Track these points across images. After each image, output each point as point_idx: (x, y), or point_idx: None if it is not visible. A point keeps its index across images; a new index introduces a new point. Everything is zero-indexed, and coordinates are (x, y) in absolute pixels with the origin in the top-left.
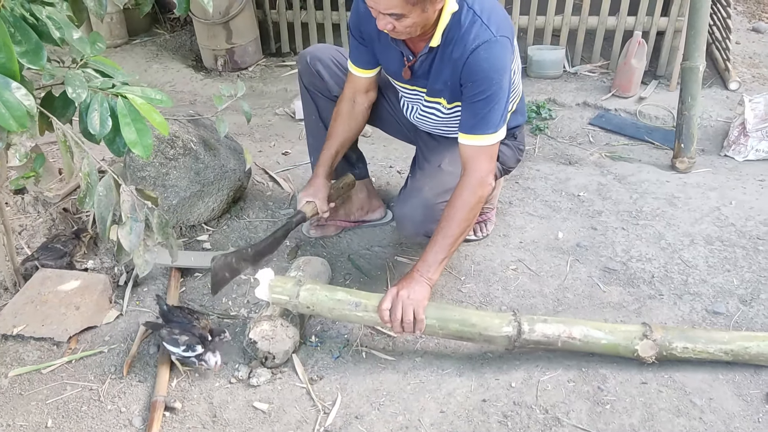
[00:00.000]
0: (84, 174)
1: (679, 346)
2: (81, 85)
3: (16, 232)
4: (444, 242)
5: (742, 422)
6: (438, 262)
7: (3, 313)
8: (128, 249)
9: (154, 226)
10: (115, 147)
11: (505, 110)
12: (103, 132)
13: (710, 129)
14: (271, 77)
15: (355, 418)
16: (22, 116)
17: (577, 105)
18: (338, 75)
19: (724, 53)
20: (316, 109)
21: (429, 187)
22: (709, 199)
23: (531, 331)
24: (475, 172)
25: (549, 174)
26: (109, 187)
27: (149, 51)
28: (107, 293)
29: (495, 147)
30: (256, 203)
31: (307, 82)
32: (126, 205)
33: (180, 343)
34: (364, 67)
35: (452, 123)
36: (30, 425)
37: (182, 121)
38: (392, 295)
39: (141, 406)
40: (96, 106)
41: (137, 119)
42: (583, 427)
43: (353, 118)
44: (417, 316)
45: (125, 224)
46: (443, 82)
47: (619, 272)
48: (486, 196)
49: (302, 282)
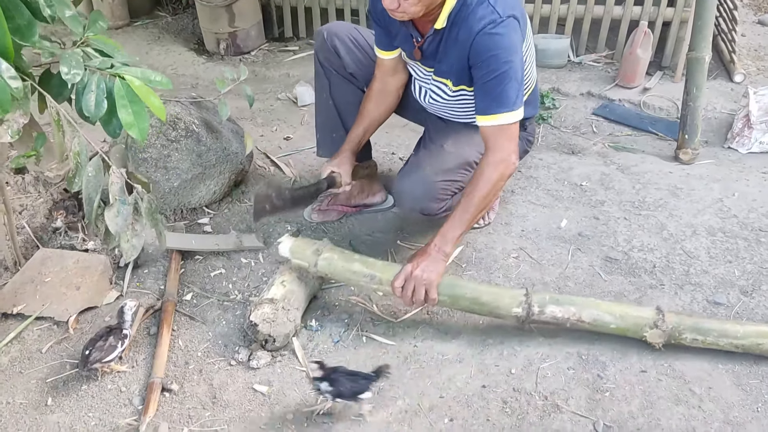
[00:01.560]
0: (74, 153)
1: (689, 337)
2: (77, 65)
3: (17, 212)
4: (463, 217)
5: (741, 411)
6: (455, 238)
7: (3, 293)
8: (114, 232)
9: (143, 211)
10: (110, 128)
11: (520, 88)
12: (98, 114)
13: (714, 121)
14: (273, 62)
15: (355, 402)
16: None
17: (581, 95)
18: (354, 52)
19: (729, 45)
20: (328, 85)
21: (429, 165)
22: (712, 191)
23: (541, 313)
24: (497, 150)
25: (552, 163)
26: (99, 168)
27: (151, 33)
28: (107, 274)
29: (515, 126)
30: (257, 187)
31: (322, 58)
32: (115, 187)
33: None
34: (386, 49)
35: (458, 106)
36: (30, 403)
37: (184, 103)
38: (406, 273)
39: (141, 386)
40: (92, 87)
41: (134, 101)
42: (582, 413)
43: (384, 97)
44: (429, 295)
45: (113, 206)
46: (449, 64)
47: (621, 262)
48: (509, 175)
49: (321, 251)
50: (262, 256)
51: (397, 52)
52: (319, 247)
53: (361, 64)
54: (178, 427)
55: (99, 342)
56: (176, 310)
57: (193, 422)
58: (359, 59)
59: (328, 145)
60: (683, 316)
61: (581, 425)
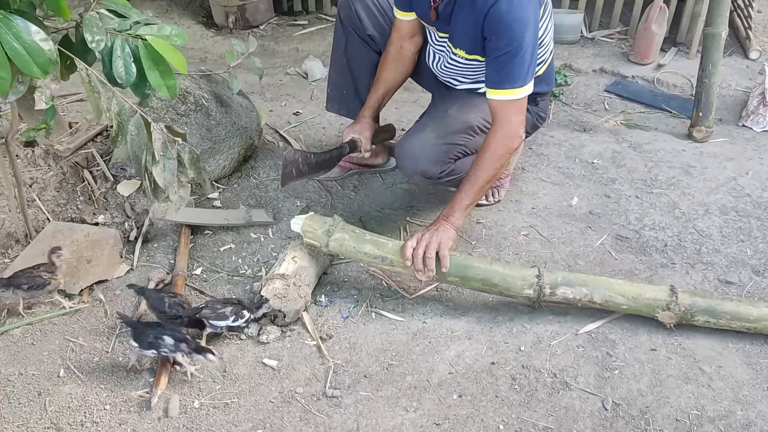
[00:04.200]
0: (114, 114)
1: (701, 319)
2: (99, 31)
3: (27, 185)
4: (470, 189)
5: (750, 390)
6: (463, 208)
7: (14, 265)
8: (163, 186)
9: (186, 162)
10: (140, 91)
11: (532, 64)
12: (129, 79)
13: (729, 98)
14: (282, 36)
15: (364, 377)
16: (45, 62)
17: (593, 71)
18: (375, 15)
19: (745, 21)
20: (344, 44)
21: (431, 128)
22: (725, 169)
23: (552, 294)
24: (505, 123)
25: (563, 140)
26: (140, 126)
27: (159, 6)
28: (118, 248)
29: (523, 101)
30: (267, 162)
31: (343, 16)
32: (158, 144)
33: (228, 315)
34: (405, 10)
35: (469, 73)
36: (42, 374)
37: (194, 76)
38: (417, 236)
39: (152, 359)
40: (119, 53)
41: (159, 61)
42: (591, 391)
43: (400, 62)
44: (440, 252)
45: (159, 162)
46: (464, 31)
47: (632, 240)
48: (515, 148)
49: (332, 232)
50: (271, 231)
51: (414, 14)
52: (330, 228)
53: (381, 28)
54: (189, 400)
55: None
56: (186, 284)
57: (204, 395)
58: (380, 23)
59: (337, 100)
60: (697, 297)
61: (590, 402)
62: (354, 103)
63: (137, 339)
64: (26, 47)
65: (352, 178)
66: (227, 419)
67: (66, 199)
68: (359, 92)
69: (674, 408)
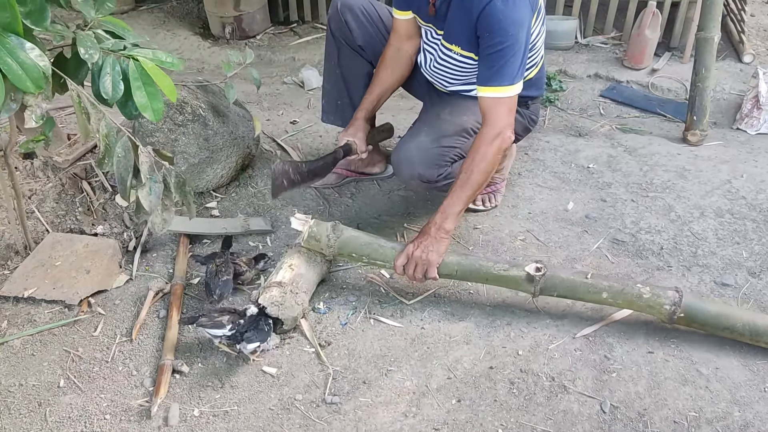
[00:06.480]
0: (102, 135)
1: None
2: (93, 46)
3: (26, 197)
4: (462, 194)
5: (748, 392)
6: (455, 214)
7: (14, 276)
8: (148, 209)
9: (172, 186)
10: (127, 111)
11: (522, 64)
12: (116, 96)
13: (723, 102)
14: (279, 46)
15: (363, 383)
16: (39, 78)
17: (588, 77)
18: (365, 26)
19: (738, 25)
20: (337, 54)
21: (425, 132)
22: (720, 172)
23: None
24: (494, 123)
25: (559, 146)
26: (128, 148)
27: (156, 18)
28: (117, 258)
29: (513, 99)
30: (265, 171)
31: (334, 28)
32: (145, 167)
33: (225, 324)
34: (403, 9)
35: (460, 71)
36: (42, 384)
37: (191, 87)
38: (407, 253)
39: (152, 368)
40: (108, 70)
41: (148, 83)
42: (589, 394)
43: (397, 65)
44: (428, 275)
45: (145, 185)
46: (459, 27)
47: (628, 244)
48: (504, 149)
49: (332, 245)
50: (269, 239)
51: (411, 13)
52: (330, 235)
53: (371, 38)
54: (189, 409)
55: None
56: (185, 293)
57: (204, 403)
58: (369, 33)
59: (332, 112)
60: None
61: (588, 405)
62: (349, 113)
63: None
64: (20, 63)
65: (349, 186)
66: (227, 427)
67: (65, 210)
68: (354, 102)
69: (672, 410)
